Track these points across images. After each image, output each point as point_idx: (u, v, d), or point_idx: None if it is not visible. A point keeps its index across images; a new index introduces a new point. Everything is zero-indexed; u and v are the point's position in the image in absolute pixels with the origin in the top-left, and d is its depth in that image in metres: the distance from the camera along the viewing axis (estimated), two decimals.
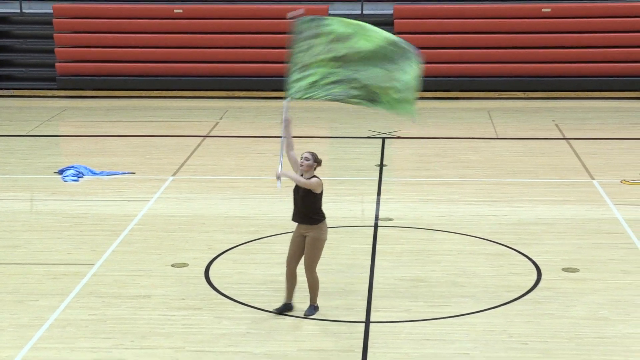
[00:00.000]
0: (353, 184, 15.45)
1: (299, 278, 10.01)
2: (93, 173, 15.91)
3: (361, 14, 23.69)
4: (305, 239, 9.86)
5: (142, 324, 9.87)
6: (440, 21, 23.23)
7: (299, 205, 9.87)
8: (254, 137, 18.95)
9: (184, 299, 10.53)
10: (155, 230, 12.96)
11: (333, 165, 16.49)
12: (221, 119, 20.80)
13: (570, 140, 18.39)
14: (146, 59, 23.45)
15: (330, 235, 12.53)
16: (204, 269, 11.41)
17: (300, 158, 9.87)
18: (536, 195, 14.70)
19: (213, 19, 23.58)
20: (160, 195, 14.64)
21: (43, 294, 10.70)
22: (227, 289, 10.74)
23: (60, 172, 15.89)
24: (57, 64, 23.57)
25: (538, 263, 11.58)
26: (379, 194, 14.76)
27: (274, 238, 12.57)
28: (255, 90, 23.28)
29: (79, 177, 15.70)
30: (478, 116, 20.94)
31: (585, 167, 16.29)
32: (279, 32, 23.38)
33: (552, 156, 17.25)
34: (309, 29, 9.90)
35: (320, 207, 9.91)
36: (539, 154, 17.44)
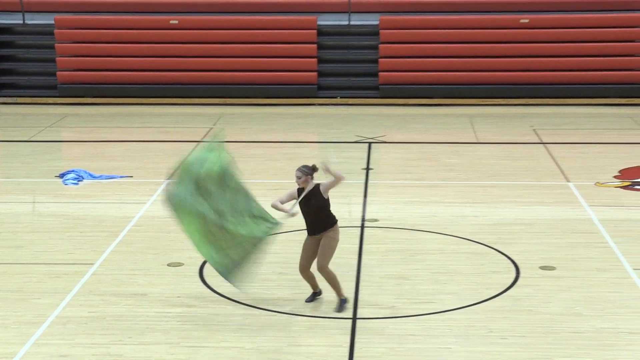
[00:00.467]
0: (340, 186, 15.28)
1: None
2: (92, 177, 15.88)
3: (348, 24, 23.72)
4: (321, 241, 9.83)
5: (140, 320, 9.86)
6: (425, 31, 23.24)
7: (315, 217, 9.79)
8: (246, 142, 18.94)
9: (179, 297, 10.51)
10: (152, 231, 12.94)
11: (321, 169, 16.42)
12: (215, 124, 20.78)
13: (547, 145, 18.42)
14: (143, 67, 23.42)
15: None
16: (198, 268, 11.39)
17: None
18: (515, 197, 14.72)
19: (207, 29, 23.56)
20: (157, 198, 14.61)
21: (45, 292, 10.68)
22: (220, 287, 10.72)
23: (61, 176, 15.86)
24: (58, 73, 23.52)
25: (517, 262, 11.59)
26: (365, 196, 14.77)
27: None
28: (247, 98, 23.28)
29: (79, 181, 15.67)
30: (460, 122, 20.96)
31: (561, 170, 16.32)
32: (270, 42, 23.43)
33: (530, 160, 17.27)
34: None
35: (331, 210, 9.92)
36: (517, 158, 17.47)
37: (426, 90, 23.10)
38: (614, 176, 15.85)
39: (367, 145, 18.55)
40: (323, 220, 9.81)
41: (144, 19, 23.78)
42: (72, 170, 16.00)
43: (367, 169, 16.55)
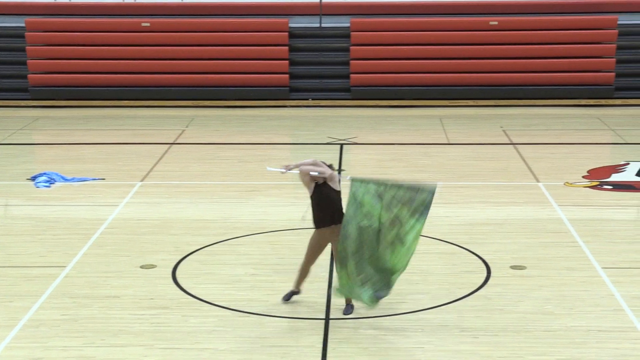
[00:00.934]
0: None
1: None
2: (64, 179, 15.76)
3: (320, 27, 23.72)
4: (336, 236, 9.84)
5: (113, 323, 9.78)
6: (396, 34, 23.27)
7: (339, 203, 9.86)
8: (218, 144, 18.87)
9: (152, 299, 10.44)
10: (125, 234, 12.85)
11: (293, 171, 16.38)
12: (187, 127, 20.69)
13: (517, 145, 18.50)
14: (116, 70, 23.28)
15: (291, 237, 12.55)
16: (171, 270, 11.32)
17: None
18: (486, 197, 14.76)
19: (179, 32, 23.45)
20: (129, 200, 14.52)
21: (17, 295, 10.56)
22: (194, 289, 10.67)
23: (33, 179, 15.72)
24: (30, 76, 23.33)
25: (488, 261, 11.62)
26: None
27: (239, 240, 12.51)
28: (220, 100, 23.21)
29: (51, 184, 15.54)
30: (431, 123, 21.00)
31: (531, 171, 16.38)
32: (242, 45, 23.36)
33: (500, 160, 17.33)
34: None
35: None
36: (488, 159, 17.53)
37: (397, 92, 23.13)
38: (583, 176, 15.94)
39: (339, 146, 18.54)
40: (341, 210, 9.88)
41: (115, 21, 23.65)
42: (44, 173, 15.86)
43: (340, 170, 16.52)
